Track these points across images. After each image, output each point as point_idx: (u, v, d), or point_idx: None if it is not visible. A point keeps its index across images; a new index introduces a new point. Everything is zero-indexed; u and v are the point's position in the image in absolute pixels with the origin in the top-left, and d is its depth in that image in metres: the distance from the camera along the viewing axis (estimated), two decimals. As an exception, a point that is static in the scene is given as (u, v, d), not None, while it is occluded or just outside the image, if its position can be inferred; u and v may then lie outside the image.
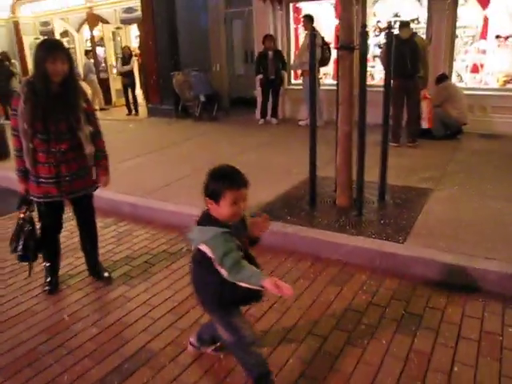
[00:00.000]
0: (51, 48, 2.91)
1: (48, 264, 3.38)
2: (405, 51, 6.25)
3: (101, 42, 12.77)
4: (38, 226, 3.25)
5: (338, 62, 4.14)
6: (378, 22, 8.53)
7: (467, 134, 7.28)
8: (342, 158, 4.14)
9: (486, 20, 7.87)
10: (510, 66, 7.79)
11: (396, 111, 6.59)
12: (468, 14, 7.96)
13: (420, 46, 6.58)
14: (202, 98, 9.72)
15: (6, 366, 2.55)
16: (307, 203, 4.41)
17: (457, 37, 8.09)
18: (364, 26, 3.88)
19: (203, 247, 1.96)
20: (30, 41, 14.73)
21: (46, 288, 3.37)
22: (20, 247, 3.16)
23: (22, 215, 3.18)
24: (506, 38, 7.77)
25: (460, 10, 7.91)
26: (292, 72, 9.56)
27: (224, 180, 1.96)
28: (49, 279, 3.39)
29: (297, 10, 9.41)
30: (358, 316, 2.85)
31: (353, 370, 2.37)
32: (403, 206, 4.26)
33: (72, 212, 3.40)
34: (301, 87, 8.59)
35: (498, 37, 7.85)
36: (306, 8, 9.19)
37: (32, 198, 3.13)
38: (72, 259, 3.79)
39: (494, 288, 3.01)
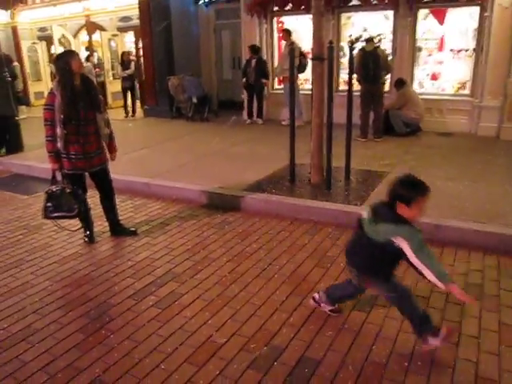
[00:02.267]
0: (71, 52, 4.23)
1: (84, 220, 4.39)
2: (369, 61, 7.53)
3: (97, 48, 13.79)
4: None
5: (312, 69, 5.28)
6: (350, 35, 9.69)
7: (426, 132, 8.50)
8: (315, 144, 5.26)
9: (443, 35, 9.13)
10: (463, 75, 9.06)
11: (363, 111, 7.83)
12: (428, 30, 9.21)
13: (382, 56, 7.83)
14: (195, 100, 10.78)
15: (69, 284, 3.60)
16: (288, 181, 5.52)
17: (420, 49, 9.34)
18: (330, 42, 5.00)
19: (399, 240, 2.40)
20: (27, 45, 15.65)
21: (86, 239, 4.41)
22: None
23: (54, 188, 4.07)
24: (459, 51, 9.04)
25: (421, 26, 9.15)
26: (276, 78, 10.69)
27: (418, 189, 2.42)
28: (87, 232, 4.43)
29: (280, 23, 10.56)
30: (325, 251, 3.98)
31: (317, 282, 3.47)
32: (363, 183, 5.42)
33: (94, 185, 4.36)
34: (282, 92, 9.72)
35: (452, 50, 9.12)
36: (287, 21, 10.34)
37: (65, 171, 4.09)
38: (100, 222, 4.77)
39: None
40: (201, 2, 11.72)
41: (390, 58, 8.69)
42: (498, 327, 2.88)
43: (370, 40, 7.98)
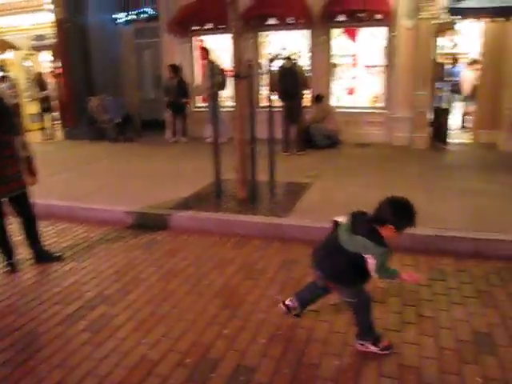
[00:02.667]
0: None
1: (3, 247, 4.20)
2: (287, 78, 7.82)
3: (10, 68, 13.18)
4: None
5: (233, 87, 5.42)
6: (269, 53, 10.01)
7: (345, 144, 8.95)
8: (239, 160, 5.37)
9: (356, 52, 9.69)
10: (377, 89, 9.64)
11: (284, 126, 8.09)
12: (343, 47, 9.74)
13: (299, 73, 8.16)
14: (117, 121, 10.62)
15: (-7, 313, 3.43)
16: (214, 197, 5.58)
17: (336, 65, 9.83)
18: (249, 60, 5.17)
19: (369, 257, 2.49)
20: None
21: (8, 268, 4.21)
22: None
23: None
24: (372, 67, 9.63)
25: (335, 44, 9.65)
26: (198, 96, 10.78)
27: (413, 220, 2.52)
28: (9, 261, 4.23)
29: (200, 42, 10.69)
30: (253, 264, 4.07)
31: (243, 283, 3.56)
32: (288, 195, 5.62)
33: (14, 211, 4.17)
34: (205, 109, 9.82)
35: (366, 66, 9.69)
36: (207, 40, 10.48)
37: None
38: (23, 249, 4.53)
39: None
40: (120, 21, 11.63)
41: (307, 74, 9.07)
42: (416, 319, 3.12)
43: (288, 58, 8.29)
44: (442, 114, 8.91)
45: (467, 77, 10.32)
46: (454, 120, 10.78)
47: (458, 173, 6.68)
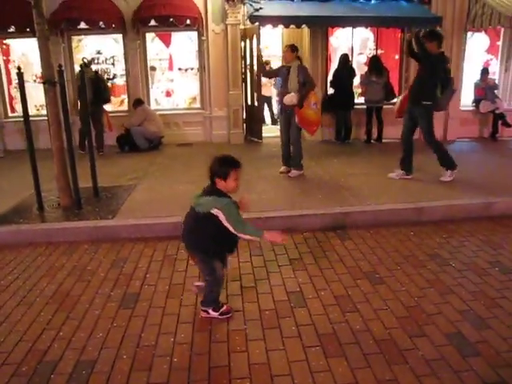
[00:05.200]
0: None
1: None
2: (89, 86, 7.80)
3: None
4: None
5: (44, 93, 5.26)
6: (83, 58, 9.73)
7: (167, 145, 9.26)
8: (58, 168, 5.26)
9: (171, 56, 10.01)
10: (192, 91, 10.11)
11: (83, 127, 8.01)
12: (158, 51, 9.98)
13: (102, 80, 8.72)
14: None
15: None
16: (37, 209, 5.36)
17: (154, 69, 10.02)
18: (60, 65, 5.09)
19: (215, 211, 2.85)
20: None
21: None
22: None
23: None
24: (186, 69, 10.06)
25: (151, 47, 9.84)
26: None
27: (230, 164, 2.92)
28: None
29: (4, 46, 9.87)
30: (84, 266, 4.10)
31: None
32: (113, 198, 5.67)
33: None
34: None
35: (180, 69, 10.08)
36: (14, 44, 9.77)
37: None
38: None
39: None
40: None
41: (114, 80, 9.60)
42: (241, 291, 3.55)
43: (87, 65, 8.52)
44: (253, 112, 9.75)
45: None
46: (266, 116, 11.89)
47: (271, 162, 7.42)
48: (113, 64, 9.92)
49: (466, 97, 10.11)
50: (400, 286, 3.59)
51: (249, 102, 9.85)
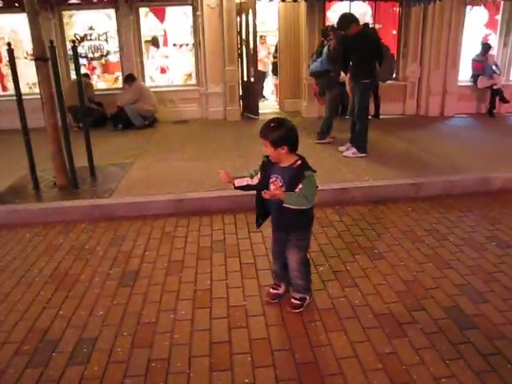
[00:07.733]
0: None
1: None
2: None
3: None
4: None
5: (36, 71, 5.16)
6: (76, 34, 9.58)
7: (163, 123, 9.18)
8: (54, 146, 5.20)
9: (165, 31, 9.85)
10: (188, 67, 9.99)
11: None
12: (152, 27, 9.80)
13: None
14: None
15: None
16: (32, 189, 5.33)
17: (149, 43, 9.85)
18: (51, 41, 4.98)
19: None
20: None
21: None
22: None
23: None
24: (181, 45, 9.92)
25: (144, 23, 9.67)
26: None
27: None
28: None
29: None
30: (82, 245, 4.09)
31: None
32: (110, 177, 5.63)
33: None
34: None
35: (175, 45, 9.93)
36: (3, 21, 9.56)
37: None
38: None
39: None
40: None
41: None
42: (240, 267, 3.56)
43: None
44: (249, 88, 9.65)
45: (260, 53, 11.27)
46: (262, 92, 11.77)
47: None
48: (106, 40, 9.76)
49: (464, 72, 10.02)
50: (399, 261, 3.61)
51: (245, 78, 9.75)
